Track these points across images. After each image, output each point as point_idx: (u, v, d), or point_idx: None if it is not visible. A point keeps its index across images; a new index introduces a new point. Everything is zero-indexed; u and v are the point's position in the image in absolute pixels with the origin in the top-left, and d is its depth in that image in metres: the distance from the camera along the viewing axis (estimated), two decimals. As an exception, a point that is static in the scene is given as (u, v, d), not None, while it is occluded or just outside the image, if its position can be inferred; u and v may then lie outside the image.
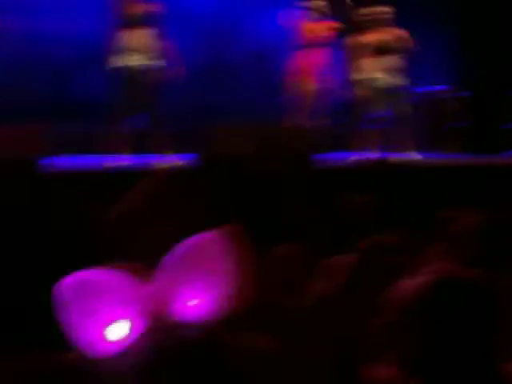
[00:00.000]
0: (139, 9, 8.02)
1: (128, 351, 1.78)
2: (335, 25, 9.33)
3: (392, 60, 9.36)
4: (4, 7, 10.54)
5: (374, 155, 8.64)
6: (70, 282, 1.82)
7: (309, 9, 9.36)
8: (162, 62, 8.18)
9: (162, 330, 1.80)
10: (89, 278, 1.83)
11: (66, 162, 7.89)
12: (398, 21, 9.56)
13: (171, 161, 8.00)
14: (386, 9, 9.41)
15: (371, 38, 9.31)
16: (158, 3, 8.25)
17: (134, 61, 7.98)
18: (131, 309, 1.83)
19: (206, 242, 1.91)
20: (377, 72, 9.34)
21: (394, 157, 8.28)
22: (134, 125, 8.52)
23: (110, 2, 8.25)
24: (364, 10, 9.38)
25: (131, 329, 1.82)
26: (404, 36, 9.32)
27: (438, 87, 11.03)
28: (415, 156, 9.21)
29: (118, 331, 1.82)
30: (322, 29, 9.34)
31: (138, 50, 7.95)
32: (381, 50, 9.31)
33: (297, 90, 9.31)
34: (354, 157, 8.34)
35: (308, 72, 9.30)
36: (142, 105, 8.09)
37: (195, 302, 1.87)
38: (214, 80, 11.74)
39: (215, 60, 11.86)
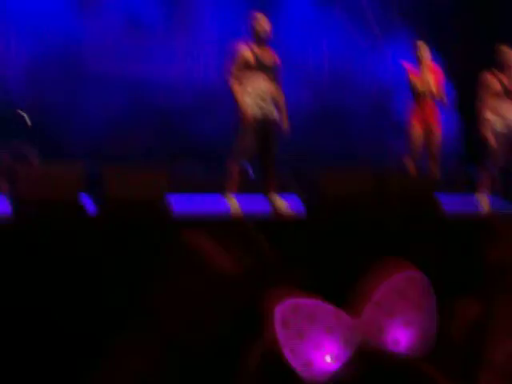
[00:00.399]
0: (269, 58, 8.06)
1: (333, 377, 1.90)
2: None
3: None
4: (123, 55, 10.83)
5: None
6: (288, 304, 2.00)
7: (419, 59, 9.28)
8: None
9: (366, 360, 1.90)
10: (305, 303, 2.00)
11: (184, 202, 8.00)
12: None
13: (282, 205, 7.97)
14: None
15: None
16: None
17: (261, 109, 8.00)
18: (339, 337, 1.96)
19: (413, 279, 2.07)
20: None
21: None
22: (246, 168, 8.59)
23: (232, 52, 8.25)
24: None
25: (337, 356, 1.96)
26: None
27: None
28: None
29: (326, 357, 1.96)
30: (437, 79, 9.31)
31: (265, 99, 7.95)
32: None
33: (419, 136, 9.22)
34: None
35: (430, 119, 9.24)
36: (261, 150, 8.10)
37: (400, 336, 2.00)
38: (325, 125, 11.78)
39: (326, 105, 11.92)
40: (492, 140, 9.10)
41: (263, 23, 8.07)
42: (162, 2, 11.88)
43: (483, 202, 9.02)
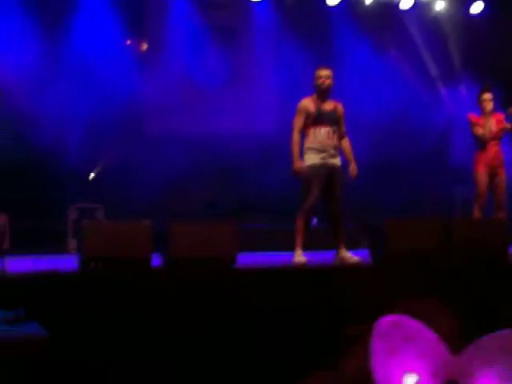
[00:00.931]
0: (331, 109, 8.09)
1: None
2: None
3: None
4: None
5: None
6: (391, 319, 2.03)
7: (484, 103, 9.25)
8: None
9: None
10: (408, 322, 2.01)
11: (252, 258, 8.02)
12: None
13: (351, 258, 7.92)
14: None
15: None
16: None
17: (326, 158, 8.01)
18: (430, 366, 1.96)
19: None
20: None
21: None
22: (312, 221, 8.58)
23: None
24: None
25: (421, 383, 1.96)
26: None
27: None
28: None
29: (410, 379, 1.97)
30: (497, 122, 9.26)
31: (328, 149, 7.97)
32: None
33: (484, 181, 9.16)
34: None
35: (495, 162, 9.18)
36: (327, 202, 8.08)
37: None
38: (386, 176, 11.78)
39: (382, 157, 11.93)
40: None
41: (324, 76, 8.11)
42: (221, 57, 12.06)
43: None
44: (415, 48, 12.91)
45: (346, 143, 8.28)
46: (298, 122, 8.04)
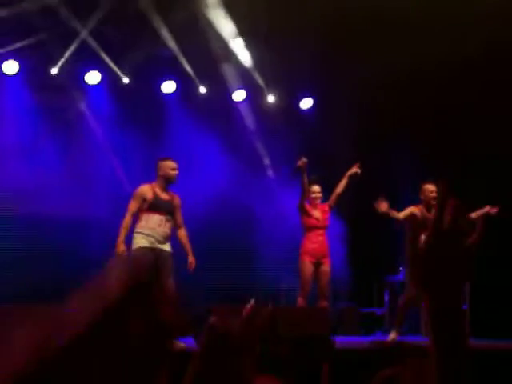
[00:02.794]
0: (167, 196, 8.41)
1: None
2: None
3: None
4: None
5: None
6: None
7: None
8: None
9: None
10: None
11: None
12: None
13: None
14: None
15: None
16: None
17: (154, 243, 8.18)
18: None
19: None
20: None
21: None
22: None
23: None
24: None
25: None
26: None
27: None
28: None
29: None
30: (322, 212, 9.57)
31: (157, 236, 8.18)
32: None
33: (309, 272, 9.40)
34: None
35: (322, 253, 9.47)
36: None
37: None
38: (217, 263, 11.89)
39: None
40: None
41: (174, 168, 8.41)
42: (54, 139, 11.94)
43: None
44: (249, 137, 13.20)
45: (182, 233, 8.44)
46: (133, 207, 8.16)
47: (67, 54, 11.92)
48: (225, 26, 11.90)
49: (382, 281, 12.19)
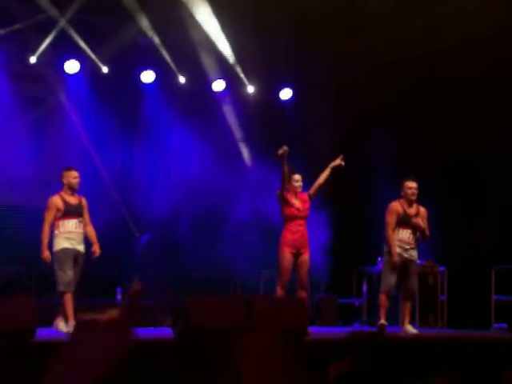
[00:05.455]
0: (75, 201, 9.07)
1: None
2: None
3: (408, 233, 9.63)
4: None
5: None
6: None
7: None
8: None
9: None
10: None
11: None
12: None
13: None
14: None
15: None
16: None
17: (74, 245, 9.06)
18: None
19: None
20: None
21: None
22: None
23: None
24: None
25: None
26: None
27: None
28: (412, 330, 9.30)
29: None
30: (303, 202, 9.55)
31: (75, 237, 9.14)
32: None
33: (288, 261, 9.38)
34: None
35: (302, 243, 9.48)
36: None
37: None
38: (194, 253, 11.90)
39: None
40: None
41: (76, 177, 9.28)
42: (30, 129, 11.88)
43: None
44: (227, 128, 13.20)
45: (90, 230, 9.34)
46: (49, 217, 9.06)
47: (46, 43, 11.85)
48: (205, 15, 11.88)
49: (361, 271, 12.23)
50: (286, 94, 13.34)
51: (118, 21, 11.82)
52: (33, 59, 11.87)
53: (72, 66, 12.15)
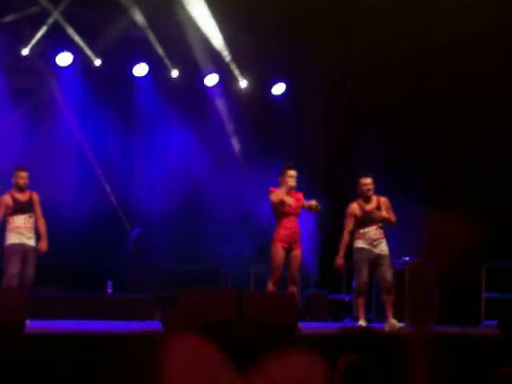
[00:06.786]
0: (25, 197, 9.36)
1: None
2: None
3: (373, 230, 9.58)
4: None
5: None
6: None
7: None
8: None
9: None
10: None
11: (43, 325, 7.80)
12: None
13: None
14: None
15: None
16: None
17: (22, 239, 9.44)
18: None
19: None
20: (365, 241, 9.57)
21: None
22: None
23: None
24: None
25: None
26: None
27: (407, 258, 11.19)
28: (397, 324, 9.27)
29: None
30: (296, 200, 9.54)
31: (25, 232, 9.50)
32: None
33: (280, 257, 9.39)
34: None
35: (293, 239, 9.49)
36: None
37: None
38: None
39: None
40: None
41: (24, 177, 9.57)
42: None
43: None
44: (219, 122, 13.19)
45: (40, 224, 9.64)
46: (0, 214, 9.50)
47: (39, 35, 11.82)
48: (198, 9, 11.86)
49: (351, 267, 12.23)
50: (278, 88, 13.35)
51: (111, 14, 11.78)
52: (25, 51, 11.84)
53: (64, 59, 12.13)
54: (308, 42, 11.88)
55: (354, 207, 9.65)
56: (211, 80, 12.97)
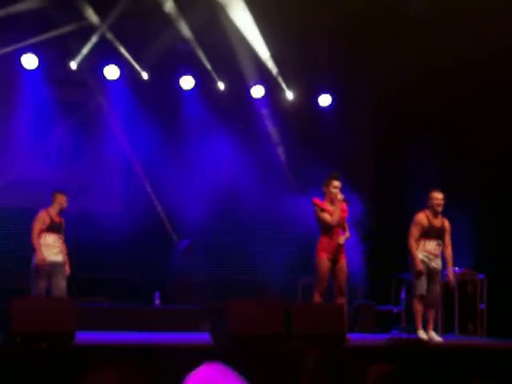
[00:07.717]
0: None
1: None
2: None
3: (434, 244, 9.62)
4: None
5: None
6: None
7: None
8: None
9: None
10: None
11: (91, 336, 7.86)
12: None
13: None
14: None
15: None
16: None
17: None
18: None
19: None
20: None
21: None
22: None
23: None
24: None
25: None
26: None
27: (457, 269, 11.08)
28: (436, 337, 9.24)
29: None
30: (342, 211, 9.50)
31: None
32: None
33: (326, 269, 9.33)
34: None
35: (338, 250, 9.42)
36: None
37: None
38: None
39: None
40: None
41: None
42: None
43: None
44: (266, 134, 13.20)
45: (65, 247, 9.90)
46: (36, 229, 9.68)
47: (86, 49, 11.95)
48: (244, 21, 11.89)
49: (399, 278, 12.15)
50: (325, 100, 13.33)
51: (158, 27, 11.87)
52: (73, 65, 11.98)
53: (112, 72, 12.25)
54: (355, 53, 11.85)
55: (422, 217, 9.65)
56: (258, 92, 13.00)
